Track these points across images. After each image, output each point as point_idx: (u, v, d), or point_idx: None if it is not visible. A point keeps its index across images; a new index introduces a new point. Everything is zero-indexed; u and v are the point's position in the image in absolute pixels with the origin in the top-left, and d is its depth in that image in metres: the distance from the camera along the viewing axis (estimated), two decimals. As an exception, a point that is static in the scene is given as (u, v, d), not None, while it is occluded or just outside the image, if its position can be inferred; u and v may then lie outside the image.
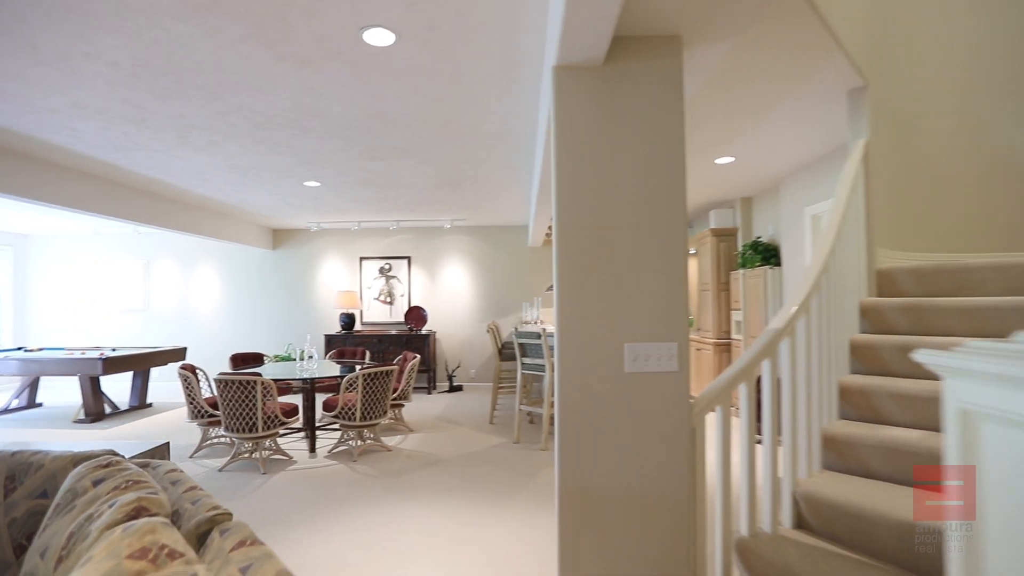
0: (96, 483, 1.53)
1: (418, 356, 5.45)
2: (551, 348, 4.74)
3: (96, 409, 5.95)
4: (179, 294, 8.47)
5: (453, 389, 7.87)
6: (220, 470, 4.19)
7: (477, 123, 3.63)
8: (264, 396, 4.11)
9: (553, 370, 4.70)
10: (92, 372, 5.74)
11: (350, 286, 8.34)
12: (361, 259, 8.35)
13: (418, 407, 6.58)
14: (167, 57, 2.62)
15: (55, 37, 2.43)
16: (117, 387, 7.47)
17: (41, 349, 6.99)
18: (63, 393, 7.76)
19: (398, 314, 8.28)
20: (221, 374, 4.08)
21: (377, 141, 3.99)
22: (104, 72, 2.78)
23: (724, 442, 1.90)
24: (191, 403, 4.53)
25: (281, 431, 4.39)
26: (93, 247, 8.64)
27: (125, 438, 5.20)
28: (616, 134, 1.92)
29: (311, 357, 5.41)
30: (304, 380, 4.74)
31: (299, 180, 5.14)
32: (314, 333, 8.26)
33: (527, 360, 4.94)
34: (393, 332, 7.87)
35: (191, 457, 4.56)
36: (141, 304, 8.44)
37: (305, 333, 8.29)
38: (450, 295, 8.27)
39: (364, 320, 8.34)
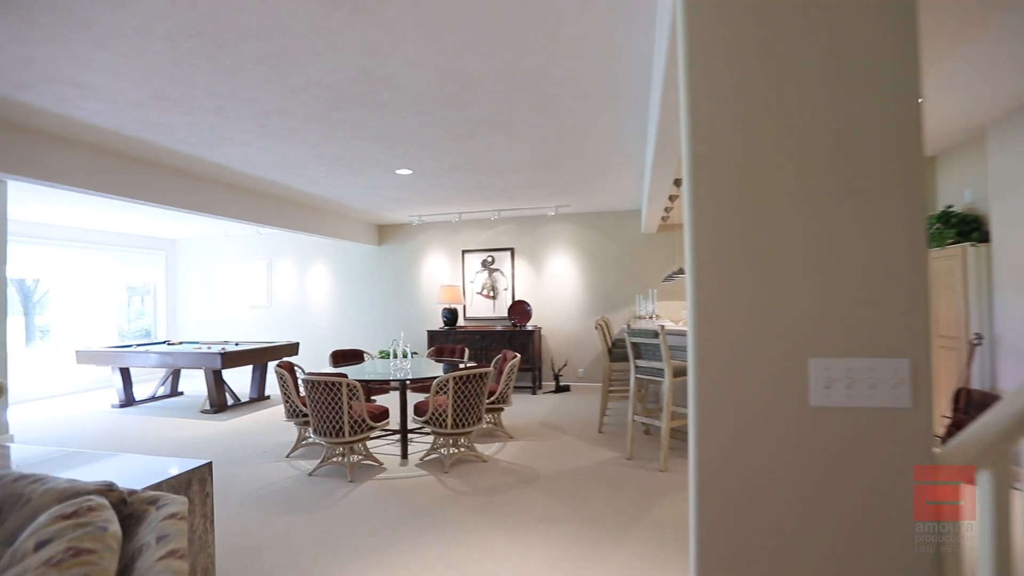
0: (39, 545, 1.15)
1: (518, 356, 4.93)
2: (671, 349, 3.94)
3: (219, 400, 6.24)
4: (296, 291, 8.84)
5: (559, 389, 7.28)
6: (310, 474, 4.00)
7: (572, 77, 2.98)
8: (350, 399, 3.83)
9: (674, 375, 3.90)
10: (213, 366, 6.01)
11: (452, 280, 8.09)
12: (463, 252, 8.06)
13: (521, 409, 6.08)
14: (214, 21, 2.31)
15: (102, 10, 2.21)
16: (242, 379, 7.91)
17: (180, 343, 7.58)
18: (200, 383, 8.42)
19: (501, 309, 7.87)
20: (308, 374, 3.87)
21: (460, 114, 3.50)
22: (162, 50, 2.56)
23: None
24: (287, 401, 4.42)
25: (373, 435, 4.11)
26: (224, 249, 9.33)
27: (239, 430, 5.32)
28: (788, 38, 1.16)
29: (406, 355, 5.13)
30: (394, 381, 4.43)
31: (389, 168, 4.85)
32: (417, 329, 8.14)
33: (641, 363, 4.18)
34: (497, 328, 7.47)
35: (287, 457, 4.46)
36: (265, 301, 8.94)
37: (410, 328, 8.20)
38: (556, 288, 7.68)
39: (467, 315, 8.05)
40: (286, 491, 3.66)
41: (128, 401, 6.70)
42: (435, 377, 4.16)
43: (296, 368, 4.79)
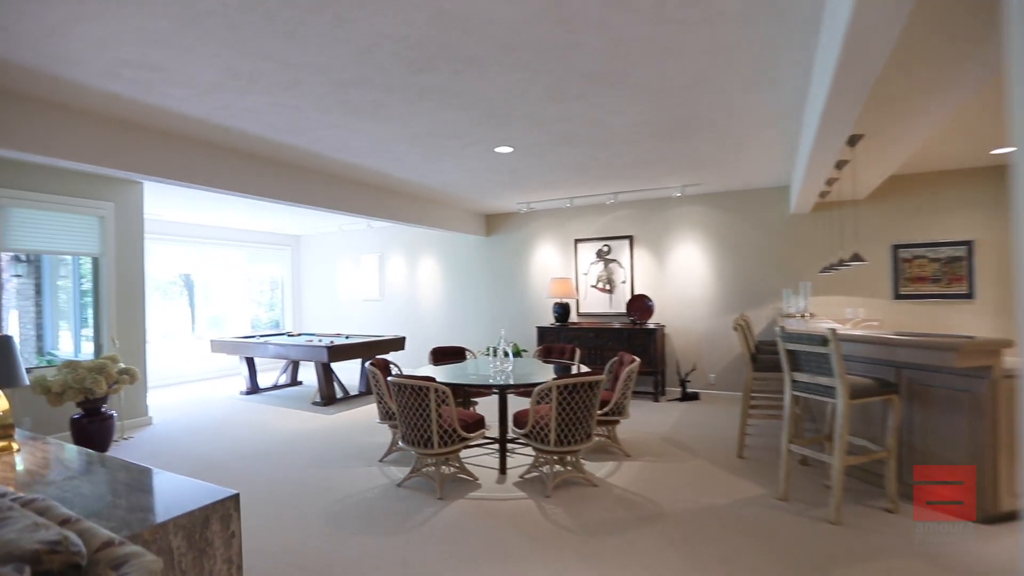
0: None
1: (637, 360, 4.15)
2: (844, 360, 2.93)
3: (327, 393, 6.25)
4: (406, 285, 8.79)
5: (686, 397, 6.31)
6: (399, 485, 3.61)
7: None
8: (439, 405, 3.36)
9: (851, 395, 2.89)
10: (321, 359, 6.00)
11: (564, 273, 7.44)
12: (576, 242, 7.37)
13: (640, 419, 5.27)
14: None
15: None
16: (353, 372, 7.99)
17: (299, 335, 7.84)
18: (322, 373, 8.71)
19: (619, 304, 7.06)
20: (395, 376, 3.47)
21: (563, 66, 2.83)
22: (218, 10, 2.23)
23: None
24: (380, 402, 4.11)
25: (467, 445, 3.62)
26: (340, 244, 9.59)
27: (341, 425, 5.19)
28: None
29: (508, 355, 4.59)
30: (493, 386, 3.90)
31: (487, 146, 4.33)
32: (527, 325, 7.62)
33: (801, 376, 3.20)
34: (614, 325, 6.69)
35: (380, 461, 4.15)
36: (377, 295, 9.02)
37: (519, 325, 7.72)
38: (682, 281, 6.68)
39: (580, 311, 7.36)
40: (370, 504, 3.30)
41: (253, 389, 7.02)
42: (539, 383, 3.56)
43: (392, 366, 4.48)
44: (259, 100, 3.26)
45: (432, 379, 3.39)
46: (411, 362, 8.47)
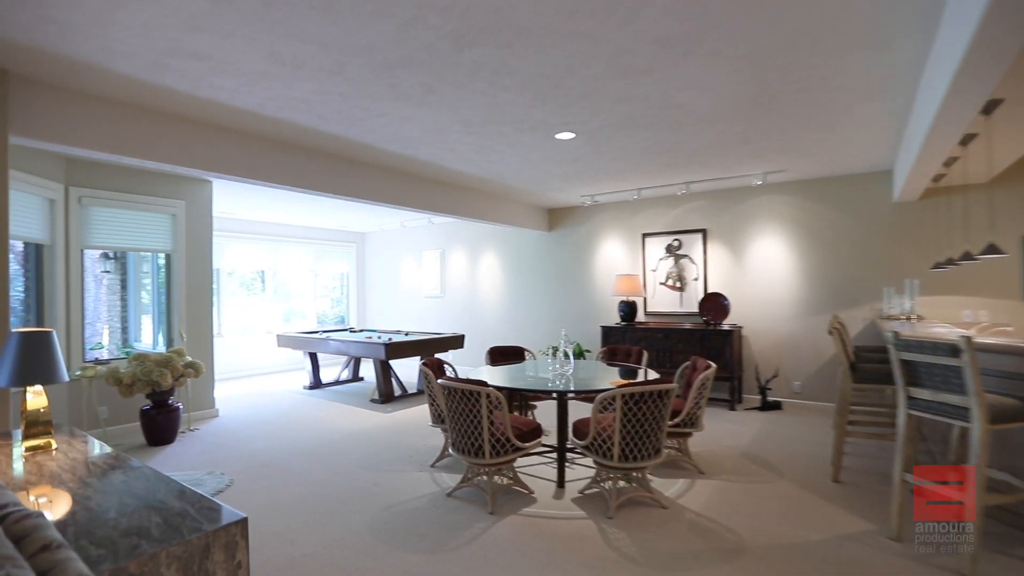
0: None
1: (713, 366, 3.69)
2: (980, 373, 2.37)
3: (385, 390, 6.18)
4: (466, 282, 8.65)
5: (766, 406, 5.71)
6: (449, 494, 3.39)
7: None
8: (491, 412, 3.10)
9: (990, 419, 2.33)
10: (379, 356, 5.94)
11: (631, 269, 6.99)
12: (643, 236, 6.90)
13: (715, 431, 4.77)
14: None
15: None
16: (413, 370, 7.93)
17: (361, 331, 7.89)
18: (384, 370, 8.75)
19: (690, 303, 6.53)
20: (445, 379, 3.25)
21: (628, 31, 2.47)
22: (247, -21, 2.07)
23: None
24: (432, 404, 3.92)
25: (521, 454, 3.33)
26: (403, 240, 9.60)
27: (396, 425, 5.07)
28: None
29: (568, 356, 4.27)
30: (552, 391, 3.60)
31: (547, 132, 4.01)
32: (590, 324, 7.24)
33: (921, 393, 2.66)
34: (685, 326, 6.18)
35: (432, 466, 3.95)
36: (438, 291, 8.95)
37: (582, 324, 7.35)
38: (762, 278, 6.06)
39: (648, 310, 6.88)
40: (417, 515, 3.09)
41: (316, 384, 7.11)
42: (602, 390, 3.22)
43: (446, 366, 4.28)
44: (306, 88, 3.13)
45: (483, 383, 3.13)
46: (470, 361, 8.32)
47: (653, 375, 3.94)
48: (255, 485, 3.61)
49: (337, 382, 7.41)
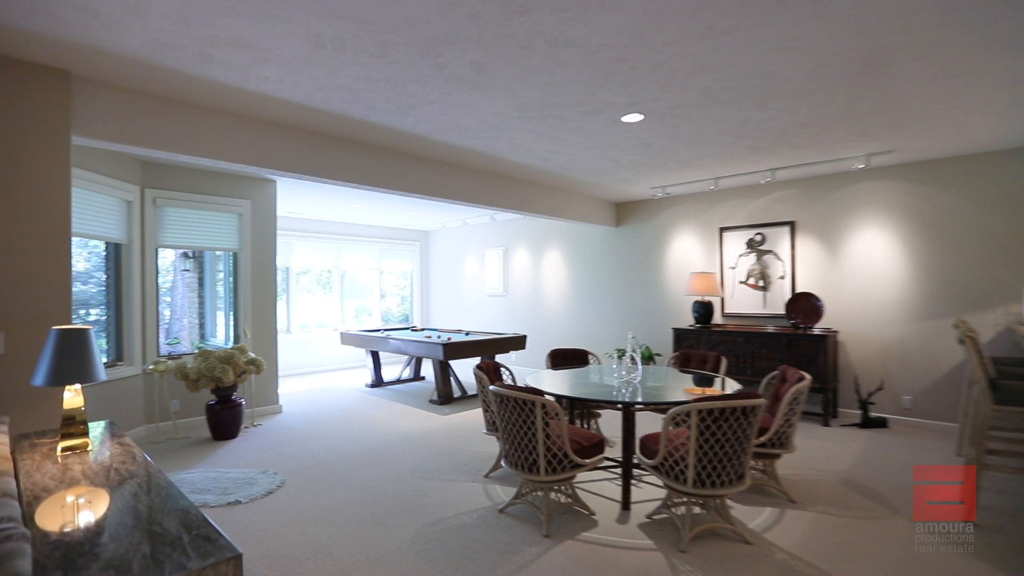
0: None
1: (807, 378, 3.16)
2: None
3: (444, 392, 6.02)
4: (529, 280, 8.36)
5: (868, 423, 4.98)
6: (501, 510, 3.11)
7: None
8: (547, 424, 2.79)
9: None
10: (437, 356, 5.78)
11: (707, 267, 6.41)
12: (721, 230, 6.30)
13: (808, 450, 4.18)
14: None
15: None
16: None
17: (422, 330, 7.81)
18: (446, 369, 8.66)
19: (775, 303, 5.87)
20: (497, 386, 2.97)
21: (708, -26, 2.06)
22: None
23: None
24: (486, 411, 3.66)
25: (580, 471, 2.99)
26: (465, 237, 9.47)
27: (453, 429, 4.88)
28: None
29: (635, 362, 3.86)
30: (605, 403, 3.22)
31: (611, 115, 3.63)
32: (661, 326, 6.73)
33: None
34: (768, 329, 5.56)
35: (485, 476, 3.70)
36: (501, 290, 8.72)
37: (652, 325, 6.85)
38: (862, 276, 5.31)
39: (726, 311, 6.28)
40: (466, 533, 2.83)
41: (377, 382, 7.09)
42: (675, 403, 2.82)
43: (502, 369, 4.01)
44: (350, 75, 2.96)
45: (539, 392, 2.82)
46: (532, 362, 8.03)
47: (732, 385, 3.46)
48: (305, 487, 3.51)
49: (398, 381, 7.37)
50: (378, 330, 7.57)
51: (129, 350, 4.67)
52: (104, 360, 4.60)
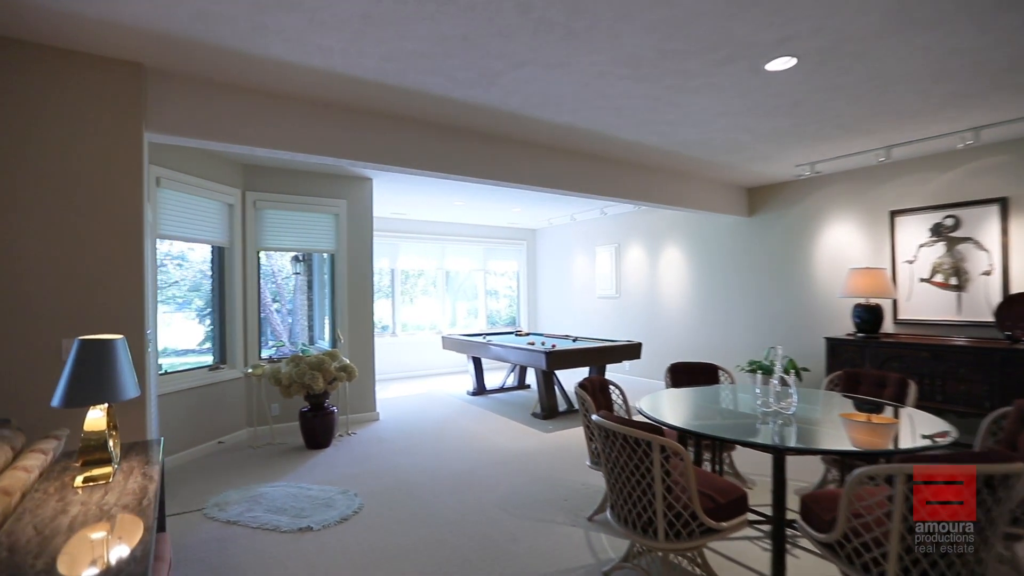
0: None
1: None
2: None
3: (547, 404, 5.42)
4: (644, 280, 7.47)
5: None
6: (605, 573, 2.43)
7: None
8: (667, 472, 2.06)
9: None
10: (540, 365, 5.20)
11: (872, 261, 5.13)
12: (893, 215, 4.99)
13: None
14: None
15: None
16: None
17: (527, 334, 7.29)
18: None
19: (976, 308, 4.48)
20: (602, 415, 2.29)
21: None
22: None
23: None
24: (590, 440, 2.99)
25: (713, 538, 2.22)
26: (573, 234, 8.80)
27: (555, 451, 4.26)
28: None
29: (786, 383, 2.95)
30: (747, 444, 2.39)
31: (751, 63, 2.78)
32: (808, 334, 5.53)
33: None
34: (957, 343, 4.23)
35: (590, 519, 3.03)
36: (613, 291, 7.93)
37: (796, 333, 5.68)
38: (1123, 270, 3.79)
39: (900, 317, 4.96)
40: (558, 607, 2.20)
41: (479, 389, 6.70)
42: (867, 454, 1.95)
43: (611, 388, 3.32)
44: (419, 34, 2.47)
45: (656, 427, 2.10)
46: (649, 372, 7.15)
47: (924, 419, 2.44)
48: (382, 516, 3.10)
49: (501, 389, 6.92)
50: (480, 334, 7.19)
51: (231, 353, 4.68)
52: (210, 363, 4.65)
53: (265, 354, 5.21)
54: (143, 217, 2.77)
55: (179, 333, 4.93)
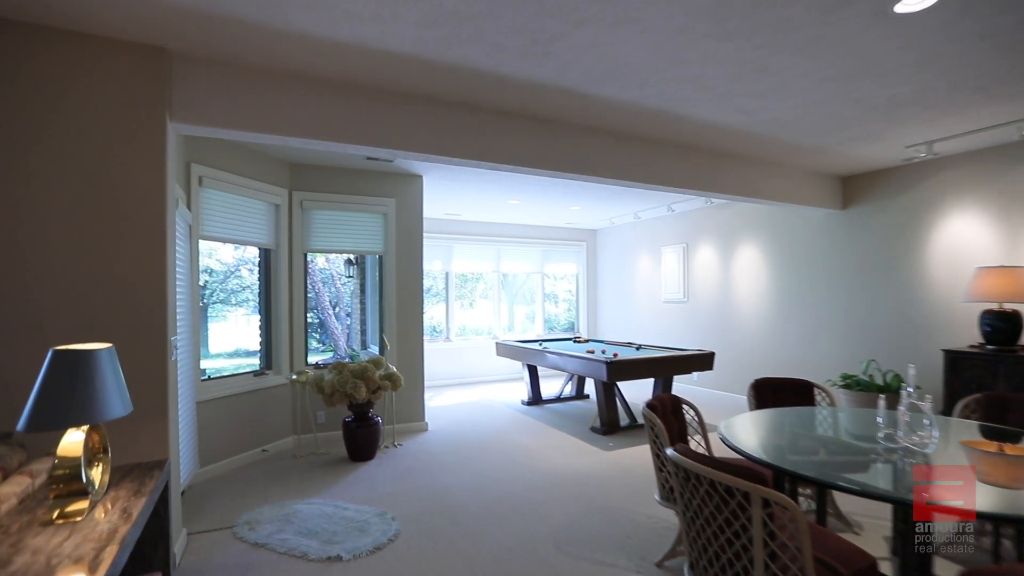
0: None
1: None
2: None
3: (608, 419, 4.91)
4: (717, 282, 6.77)
5: None
6: (687, 653, 1.93)
7: None
8: (771, 535, 1.55)
9: None
10: (600, 376, 4.70)
11: (1007, 258, 4.27)
12: (1032, 203, 4.12)
13: None
14: None
15: None
16: (644, 392, 6.42)
17: (587, 341, 6.80)
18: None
19: None
20: (679, 450, 1.80)
21: None
22: None
23: None
24: (659, 471, 2.50)
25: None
26: (637, 234, 8.20)
27: (616, 474, 3.76)
28: None
29: (916, 409, 2.31)
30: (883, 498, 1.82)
31: (876, 4, 2.20)
32: (918, 345, 4.71)
33: None
34: None
35: (659, 565, 2.52)
36: (680, 295, 7.27)
37: (899, 342, 4.86)
38: None
39: (1043, 327, 4.07)
40: None
41: (535, 399, 6.27)
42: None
43: (687, 409, 2.81)
44: (459, -12, 2.09)
45: (758, 474, 1.60)
46: (722, 384, 6.47)
47: None
48: (419, 547, 2.74)
49: (558, 399, 6.46)
50: (536, 341, 6.76)
51: (277, 358, 4.52)
52: (256, 367, 4.51)
53: (321, 358, 5.04)
54: (167, 215, 2.56)
55: (247, 337, 4.82)
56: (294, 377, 4.29)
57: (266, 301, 4.57)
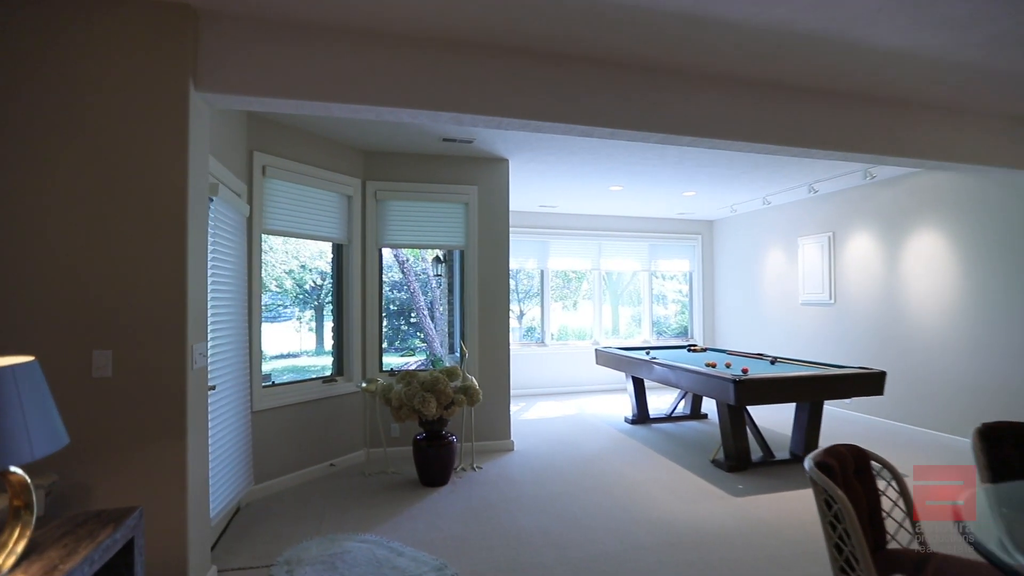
0: None
1: None
2: None
3: (735, 451, 3.91)
4: (877, 280, 5.35)
5: None
6: None
7: None
8: None
9: None
10: (726, 398, 3.73)
11: None
12: None
13: None
14: None
15: None
16: (782, 418, 5.19)
17: (704, 350, 5.76)
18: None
19: None
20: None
21: None
22: None
23: None
24: (836, 551, 1.58)
25: None
26: (766, 223, 6.91)
27: (763, 528, 2.81)
28: None
29: None
30: None
31: None
32: None
33: None
34: None
35: None
36: (825, 296, 5.92)
37: None
38: None
39: None
40: None
41: (640, 417, 5.37)
42: None
43: (875, 467, 1.86)
44: None
45: None
46: (883, 411, 5.09)
47: None
48: (481, 629, 2.07)
49: (670, 417, 5.49)
50: (643, 348, 5.84)
51: (348, 363, 4.13)
52: (326, 374, 4.14)
53: (416, 360, 4.61)
54: (187, 205, 2.13)
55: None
56: (363, 386, 3.86)
57: (338, 301, 4.21)
